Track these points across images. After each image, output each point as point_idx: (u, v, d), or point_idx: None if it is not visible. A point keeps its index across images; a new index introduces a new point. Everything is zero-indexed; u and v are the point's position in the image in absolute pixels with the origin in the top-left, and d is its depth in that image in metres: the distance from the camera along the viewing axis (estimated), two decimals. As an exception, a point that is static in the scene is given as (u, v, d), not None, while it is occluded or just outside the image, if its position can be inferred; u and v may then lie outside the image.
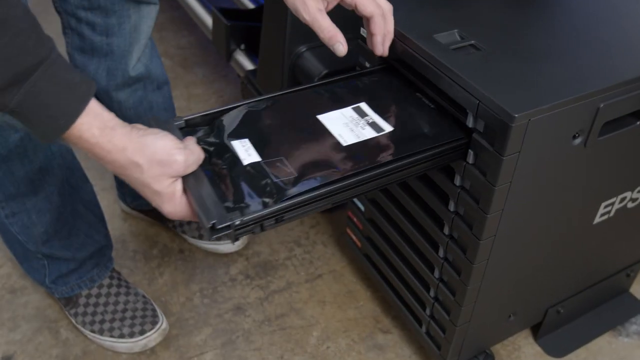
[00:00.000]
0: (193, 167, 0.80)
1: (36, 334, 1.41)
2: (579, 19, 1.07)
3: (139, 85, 1.35)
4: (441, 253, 1.10)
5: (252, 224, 0.78)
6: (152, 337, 1.36)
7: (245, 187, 0.82)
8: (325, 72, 1.34)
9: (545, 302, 1.28)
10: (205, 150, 0.86)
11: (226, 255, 1.59)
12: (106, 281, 1.41)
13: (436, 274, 1.14)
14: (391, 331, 1.42)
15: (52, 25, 2.11)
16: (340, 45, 0.96)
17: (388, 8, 0.97)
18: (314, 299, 1.48)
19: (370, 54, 1.05)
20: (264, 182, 0.82)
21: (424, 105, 0.98)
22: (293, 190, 0.80)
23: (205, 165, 0.84)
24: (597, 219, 1.14)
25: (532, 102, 0.84)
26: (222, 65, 2.32)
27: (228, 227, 0.76)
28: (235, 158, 0.85)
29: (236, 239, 0.78)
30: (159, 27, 2.51)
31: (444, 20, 1.04)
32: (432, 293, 1.18)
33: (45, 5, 1.70)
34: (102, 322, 1.37)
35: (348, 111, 0.96)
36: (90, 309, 1.38)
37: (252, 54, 1.77)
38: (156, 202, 0.80)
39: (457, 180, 0.98)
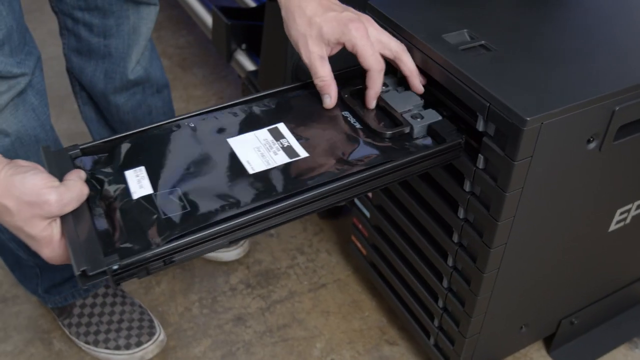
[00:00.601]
0: (72, 206, 0.76)
1: (28, 346, 1.41)
2: (593, 19, 1.07)
3: (137, 89, 1.36)
4: (450, 262, 1.10)
5: (134, 269, 0.74)
6: (149, 349, 1.36)
7: (131, 225, 0.78)
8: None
9: (558, 313, 1.28)
10: (99, 182, 0.83)
11: (226, 263, 1.59)
12: (101, 290, 1.41)
13: (445, 283, 1.14)
14: (398, 343, 1.41)
15: (46, 26, 2.12)
16: (328, 98, 0.96)
17: (401, 49, 0.97)
18: (318, 309, 1.48)
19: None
20: (153, 218, 0.78)
21: (349, 126, 0.94)
22: (182, 228, 0.76)
23: (95, 201, 0.81)
24: (613, 227, 1.13)
25: (545, 105, 0.84)
26: (222, 66, 2.32)
27: (103, 273, 0.72)
28: (126, 191, 0.82)
29: (117, 284, 0.74)
30: (156, 26, 2.52)
31: (453, 19, 1.04)
32: (440, 303, 1.18)
33: (40, 3, 1.70)
34: (97, 333, 1.37)
35: (263, 133, 0.91)
36: (84, 320, 1.39)
37: (253, 54, 1.77)
38: (33, 246, 0.77)
39: (467, 186, 0.98)
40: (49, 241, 0.76)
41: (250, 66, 1.73)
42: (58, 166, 0.84)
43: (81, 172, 0.82)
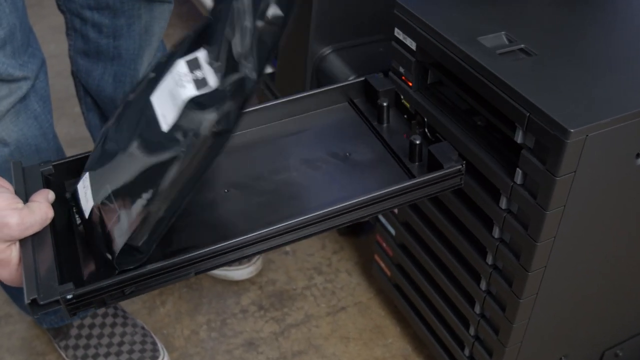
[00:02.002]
0: (33, 230, 0.78)
1: (22, 369, 1.42)
2: (644, 21, 1.07)
3: (147, 93, 1.37)
4: (483, 285, 1.10)
5: (90, 298, 0.74)
6: (152, 375, 1.37)
7: (87, 249, 0.79)
8: (353, 77, 1.34)
9: (601, 344, 1.27)
10: (74, 202, 0.84)
11: (237, 283, 1.59)
12: (101, 310, 1.42)
13: (477, 309, 1.14)
14: (424, 373, 1.41)
15: (46, 21, 2.14)
16: None
17: None
18: (336, 335, 1.48)
19: (405, 58, 1.05)
20: (102, 239, 0.79)
21: None
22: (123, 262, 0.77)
23: (70, 225, 0.82)
24: (663, 250, 1.13)
25: (591, 116, 0.84)
26: (235, 67, 2.33)
27: (56, 302, 0.73)
28: (80, 209, 0.83)
29: (73, 315, 0.75)
30: (164, 24, 2.54)
31: (490, 20, 1.04)
32: (471, 331, 1.18)
33: (39, -1, 1.72)
34: (95, 356, 1.38)
35: (180, 68, 0.78)
36: (82, 342, 1.39)
37: (269, 55, 1.78)
38: None
39: (503, 203, 0.98)
40: (6, 264, 0.78)
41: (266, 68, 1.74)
42: (27, 184, 0.86)
43: (49, 192, 0.83)
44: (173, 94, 0.76)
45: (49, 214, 0.80)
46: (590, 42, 1.00)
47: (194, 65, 0.76)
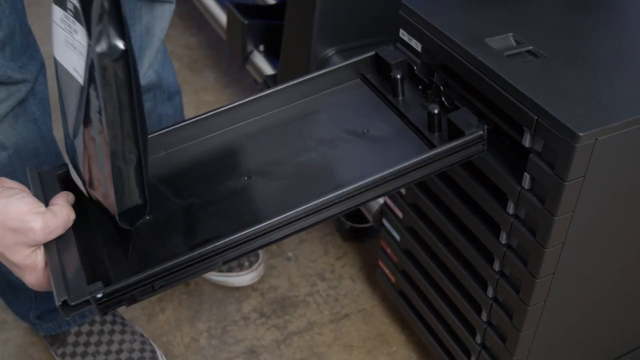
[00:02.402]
0: (57, 233, 0.79)
1: (18, 377, 1.42)
2: (654, 22, 1.07)
3: (148, 96, 1.37)
4: (490, 292, 1.10)
5: (120, 296, 0.75)
6: (151, 383, 1.37)
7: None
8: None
9: (611, 352, 1.27)
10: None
11: (238, 289, 1.60)
12: (99, 317, 1.42)
13: (484, 316, 1.14)
14: (429, 382, 1.41)
15: (44, 21, 2.14)
16: None
17: None
18: (340, 343, 1.48)
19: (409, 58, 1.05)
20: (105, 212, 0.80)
21: None
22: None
23: (91, 225, 0.83)
24: (674, 256, 1.13)
25: (600, 119, 0.84)
26: (236, 69, 2.34)
27: (87, 302, 0.74)
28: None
29: (104, 314, 0.76)
30: (164, 24, 2.55)
31: (497, 21, 1.04)
32: (478, 339, 1.18)
33: (36, -1, 1.71)
34: (93, 364, 1.38)
35: (58, 13, 0.75)
36: (80, 349, 1.39)
37: (272, 56, 1.78)
38: (16, 272, 0.80)
39: (510, 208, 0.98)
40: (32, 269, 0.79)
41: (268, 70, 1.74)
42: (45, 188, 0.86)
43: (68, 194, 0.84)
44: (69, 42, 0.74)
45: (71, 215, 0.81)
46: (600, 43, 1.00)
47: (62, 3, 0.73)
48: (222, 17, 1.98)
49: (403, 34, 1.09)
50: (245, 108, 0.99)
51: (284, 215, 0.80)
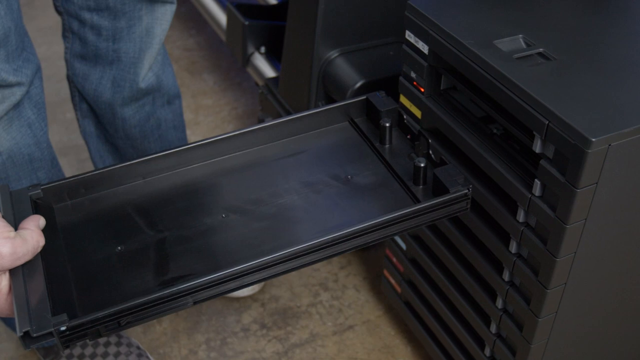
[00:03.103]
0: (25, 259, 0.79)
1: (10, 390, 1.43)
2: (669, 24, 1.07)
3: (147, 100, 1.37)
4: (500, 303, 1.10)
5: (84, 329, 0.75)
6: (147, 397, 1.37)
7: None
8: (361, 83, 1.35)
9: (625, 366, 1.28)
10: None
11: (238, 299, 1.60)
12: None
13: (493, 328, 1.14)
14: (436, 396, 1.41)
15: (36, 22, 2.15)
16: None
17: None
18: (344, 355, 1.48)
19: (417, 62, 1.06)
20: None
21: None
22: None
23: (60, 252, 0.83)
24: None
25: (613, 124, 0.84)
26: (236, 72, 2.34)
27: (49, 334, 0.73)
28: None
29: (66, 347, 0.76)
30: (161, 25, 2.55)
31: (507, 23, 1.04)
32: (487, 352, 1.18)
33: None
34: (88, 377, 1.38)
35: None
36: (74, 361, 1.40)
37: (273, 58, 1.79)
38: None
39: (521, 216, 0.98)
40: None
41: (269, 72, 1.75)
42: (15, 209, 0.87)
43: (39, 219, 0.84)
44: None
45: (41, 242, 0.81)
46: (613, 45, 1.00)
47: None
48: (221, 17, 1.98)
49: (409, 36, 1.10)
50: (229, 142, 1.00)
51: (259, 260, 0.81)
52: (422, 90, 1.12)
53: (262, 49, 1.81)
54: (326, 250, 0.85)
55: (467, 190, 0.90)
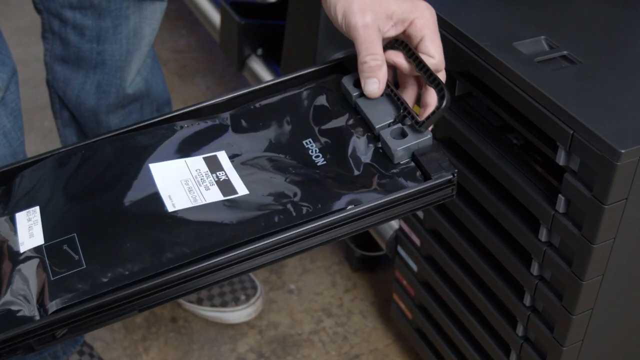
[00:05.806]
0: None
1: None
2: None
3: (135, 106, 1.37)
4: (520, 330, 1.10)
5: (14, 344, 0.72)
6: None
7: (17, 286, 0.78)
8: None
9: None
10: None
11: (233, 326, 1.60)
12: (74, 357, 1.42)
13: (513, 357, 1.14)
14: None
15: (11, 21, 2.16)
16: (375, 83, 0.89)
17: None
18: (349, 388, 1.48)
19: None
20: (41, 279, 0.77)
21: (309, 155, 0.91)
22: (76, 293, 0.75)
23: None
24: None
25: (644, 134, 0.85)
26: (231, 75, 2.35)
27: None
28: (14, 241, 0.82)
29: None
30: (149, 24, 2.56)
31: (527, 23, 1.04)
32: (507, 383, 1.18)
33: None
34: (68, 412, 1.38)
35: (197, 162, 0.88)
36: (54, 394, 1.40)
37: (271, 61, 1.79)
38: None
39: (543, 235, 0.98)
40: None
41: (267, 76, 1.75)
42: None
43: None
44: (192, 189, 0.85)
45: None
46: (644, 48, 1.01)
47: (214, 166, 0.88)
48: (215, 16, 1.99)
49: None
50: (210, 109, 0.97)
51: (219, 258, 0.77)
52: (435, 96, 1.12)
53: (259, 51, 1.82)
54: (295, 245, 0.81)
55: (451, 176, 0.85)
